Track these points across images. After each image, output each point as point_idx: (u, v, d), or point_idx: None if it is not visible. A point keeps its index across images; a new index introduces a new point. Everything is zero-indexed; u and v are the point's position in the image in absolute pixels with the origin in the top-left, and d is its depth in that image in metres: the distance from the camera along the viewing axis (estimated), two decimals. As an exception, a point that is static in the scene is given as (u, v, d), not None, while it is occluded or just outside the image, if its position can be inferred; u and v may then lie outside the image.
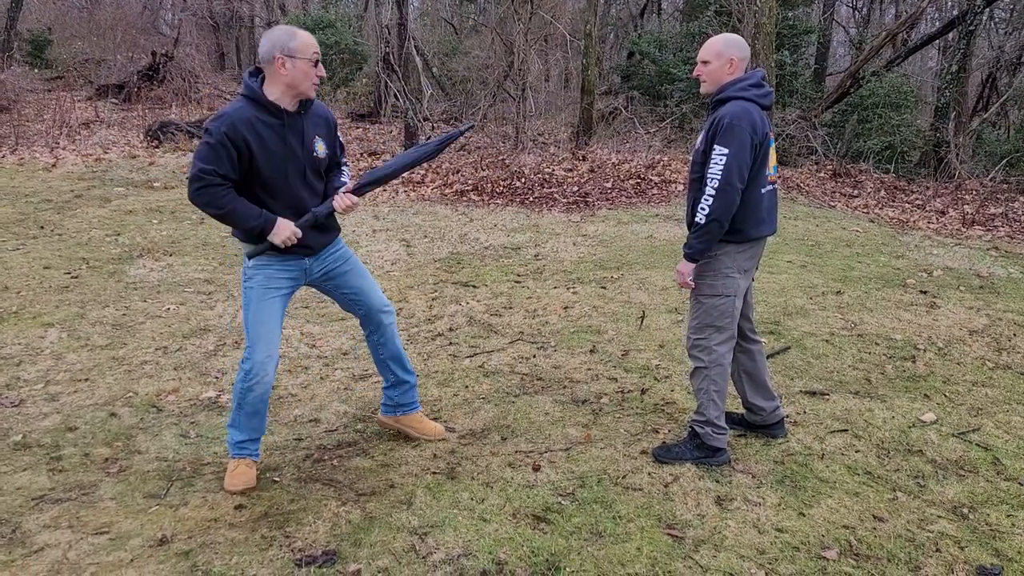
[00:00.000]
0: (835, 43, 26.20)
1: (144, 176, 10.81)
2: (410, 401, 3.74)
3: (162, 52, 17.95)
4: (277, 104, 3.06)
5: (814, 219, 9.67)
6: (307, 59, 3.04)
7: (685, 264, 3.44)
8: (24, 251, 7.03)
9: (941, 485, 3.46)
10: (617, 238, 8.39)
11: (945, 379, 4.69)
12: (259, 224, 3.07)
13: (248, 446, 3.36)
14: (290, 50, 3.00)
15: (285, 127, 3.09)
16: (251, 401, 3.23)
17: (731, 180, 3.24)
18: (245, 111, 3.03)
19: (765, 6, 11.54)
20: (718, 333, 3.50)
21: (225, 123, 2.98)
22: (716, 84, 3.43)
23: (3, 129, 13.32)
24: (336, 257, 3.42)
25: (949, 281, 7.00)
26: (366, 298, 3.48)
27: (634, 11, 23.64)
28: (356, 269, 3.48)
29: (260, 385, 3.20)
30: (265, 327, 3.20)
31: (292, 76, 3.03)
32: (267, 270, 3.22)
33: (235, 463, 3.35)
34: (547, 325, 5.54)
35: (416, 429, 3.76)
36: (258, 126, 3.02)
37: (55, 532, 2.98)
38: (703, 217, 3.30)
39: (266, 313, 3.21)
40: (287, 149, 3.09)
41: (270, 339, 3.21)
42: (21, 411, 4.02)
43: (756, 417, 3.81)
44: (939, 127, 13.91)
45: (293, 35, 3.03)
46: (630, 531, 3.05)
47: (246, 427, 3.31)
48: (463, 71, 18.45)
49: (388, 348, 3.59)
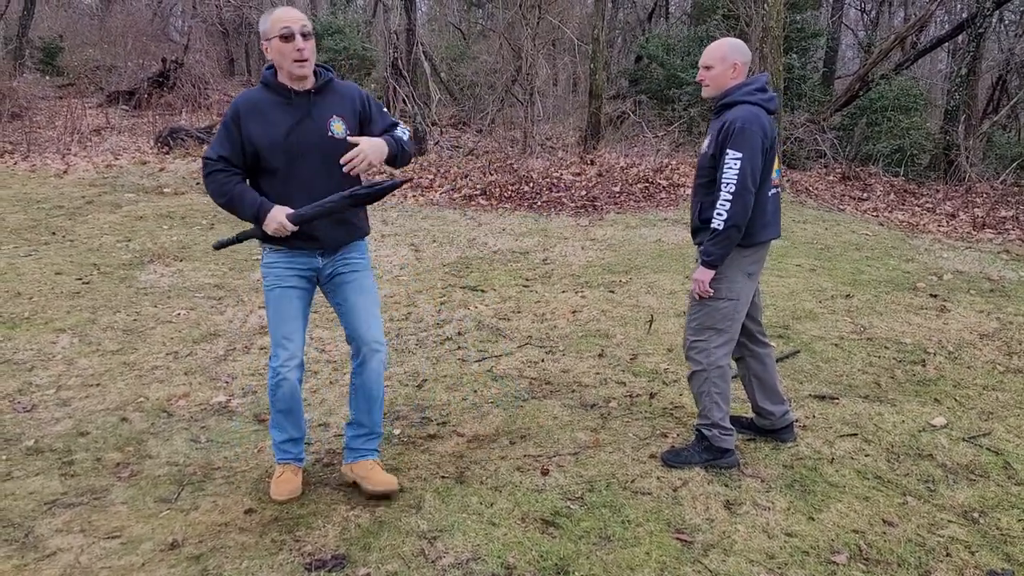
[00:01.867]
0: (844, 46, 26.13)
1: (154, 182, 10.87)
2: (362, 448, 3.38)
3: (172, 59, 18.03)
4: (284, 84, 3.03)
5: (823, 222, 9.65)
6: (276, 36, 2.94)
7: (703, 271, 3.41)
8: (36, 257, 7.08)
9: (951, 489, 3.45)
10: (625, 242, 8.39)
11: (955, 383, 4.67)
12: (254, 210, 2.99)
13: (290, 448, 3.32)
14: (264, 32, 2.98)
15: (292, 105, 3.01)
16: (280, 398, 3.18)
17: (746, 184, 3.25)
18: (255, 94, 3.06)
19: (773, 9, 11.52)
20: (717, 336, 3.49)
21: (231, 107, 3.03)
22: (719, 88, 3.44)
23: (15, 136, 13.41)
24: (347, 261, 3.23)
25: (959, 285, 6.98)
26: (357, 321, 3.21)
27: (642, 15, 23.64)
28: (360, 284, 3.24)
29: (286, 383, 3.14)
30: (285, 327, 3.14)
31: (275, 58, 2.99)
32: (276, 269, 3.15)
33: (280, 469, 3.33)
34: (555, 329, 5.54)
35: (364, 479, 3.30)
36: (262, 105, 3.01)
37: (67, 536, 3.00)
38: (721, 223, 3.28)
39: (284, 313, 3.14)
40: (291, 127, 2.99)
41: (291, 338, 3.15)
42: (33, 416, 4.04)
43: (765, 422, 3.81)
44: (949, 130, 13.86)
45: (265, 18, 2.98)
46: (639, 535, 3.05)
47: (283, 425, 3.27)
48: (471, 76, 18.49)
49: (365, 386, 3.27)
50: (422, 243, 8.19)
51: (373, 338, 3.23)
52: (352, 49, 18.37)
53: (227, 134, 3.01)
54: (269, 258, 3.17)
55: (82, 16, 26.20)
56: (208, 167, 3.02)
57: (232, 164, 3.02)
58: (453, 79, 20.14)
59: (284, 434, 3.30)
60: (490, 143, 14.37)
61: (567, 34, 16.41)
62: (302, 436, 3.36)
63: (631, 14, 24.78)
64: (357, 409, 3.35)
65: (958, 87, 14.03)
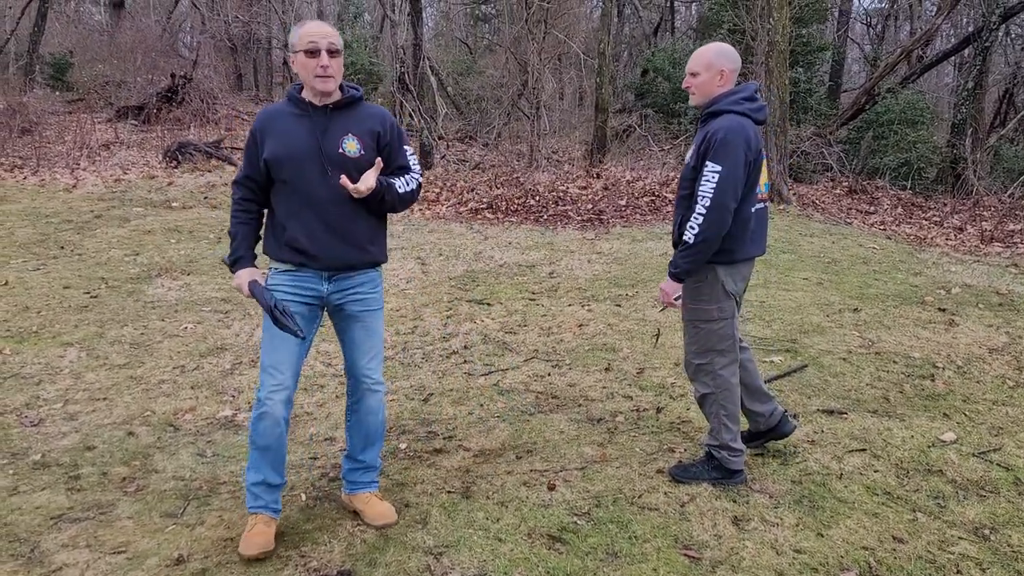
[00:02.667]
0: (850, 60, 26.17)
1: (162, 196, 10.92)
2: (359, 481, 3.28)
3: (181, 74, 18.15)
4: (304, 99, 3.01)
5: (830, 236, 9.64)
6: (302, 50, 2.89)
7: (670, 283, 3.35)
8: (44, 271, 7.11)
9: (962, 506, 3.42)
10: (632, 255, 8.38)
11: (965, 398, 4.64)
12: (231, 259, 3.05)
13: (262, 494, 3.02)
14: (292, 45, 2.96)
15: (308, 119, 2.96)
16: (261, 432, 2.95)
17: (723, 199, 3.14)
18: (276, 108, 3.06)
19: (779, 23, 11.55)
20: (721, 357, 3.43)
21: (254, 121, 3.05)
22: (706, 96, 3.34)
23: (25, 151, 13.50)
24: (358, 296, 3.09)
25: (968, 299, 6.95)
26: (358, 356, 3.13)
27: (647, 29, 23.74)
28: (368, 327, 3.13)
29: (268, 417, 2.93)
30: (277, 354, 2.97)
31: (299, 71, 2.96)
32: (278, 291, 3.00)
33: (252, 520, 3.01)
34: (562, 343, 5.53)
35: (361, 511, 3.23)
36: (281, 117, 3.01)
37: (73, 551, 3.00)
38: (692, 237, 3.20)
39: (279, 339, 2.96)
40: (304, 140, 2.93)
41: (279, 368, 2.96)
42: (40, 430, 4.05)
43: (759, 423, 3.74)
44: (956, 143, 13.85)
45: (296, 31, 2.95)
46: (646, 552, 3.03)
47: (259, 465, 3.00)
48: (477, 90, 18.58)
49: (361, 424, 3.20)
50: (428, 257, 8.20)
51: (372, 379, 3.16)
52: (359, 64, 18.49)
53: (248, 151, 3.03)
54: (274, 279, 3.04)
55: (92, 32, 26.41)
56: (233, 191, 3.03)
57: (255, 181, 3.02)
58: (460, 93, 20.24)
59: (259, 475, 3.01)
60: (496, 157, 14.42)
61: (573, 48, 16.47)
62: (281, 483, 3.07)
63: (637, 28, 24.89)
64: (353, 446, 3.25)
65: (965, 100, 14.04)
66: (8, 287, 6.58)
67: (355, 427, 3.21)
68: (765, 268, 7.69)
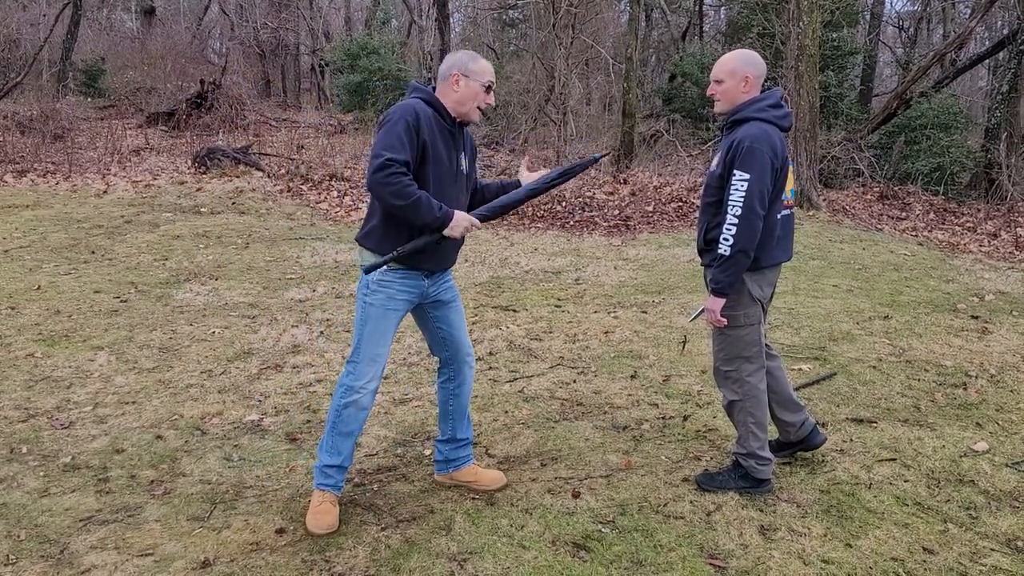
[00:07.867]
0: (881, 63, 25.90)
1: (191, 202, 11.04)
2: (460, 456, 3.56)
3: (210, 80, 18.38)
4: (450, 114, 3.16)
5: (860, 242, 9.52)
6: (481, 83, 3.15)
7: (714, 300, 3.29)
8: (76, 275, 7.21)
9: (994, 517, 3.35)
10: (659, 262, 8.34)
11: (998, 407, 4.56)
12: (440, 217, 3.02)
13: (333, 473, 3.26)
14: (468, 70, 3.14)
15: (451, 135, 3.17)
16: (346, 418, 3.19)
17: (753, 207, 3.13)
18: (426, 109, 3.10)
19: (809, 27, 11.45)
20: (748, 364, 3.41)
21: (410, 112, 3.02)
22: (731, 103, 3.33)
23: (57, 157, 13.73)
24: (448, 286, 3.40)
25: (1002, 306, 6.83)
26: (458, 339, 3.43)
27: (676, 34, 23.63)
28: (459, 306, 3.45)
29: (359, 404, 3.18)
30: (378, 348, 3.19)
31: (463, 94, 3.14)
32: (389, 289, 3.16)
33: (319, 497, 3.25)
34: (587, 350, 5.51)
35: (472, 483, 3.54)
36: (434, 125, 3.10)
37: (101, 553, 3.03)
38: (728, 248, 3.17)
39: (382, 333, 3.18)
40: (448, 155, 3.15)
41: (379, 359, 3.20)
42: (71, 433, 4.10)
43: (788, 433, 3.70)
44: (990, 148, 13.65)
45: (475, 58, 3.19)
46: (671, 560, 3.00)
47: (335, 449, 3.23)
48: (504, 95, 18.59)
49: (461, 400, 3.49)
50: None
51: (469, 349, 3.51)
52: (387, 70, 18.59)
53: (409, 139, 2.99)
54: (387, 276, 3.15)
55: (123, 39, 26.84)
56: (392, 168, 2.93)
57: (409, 167, 3.01)
58: (486, 99, 20.25)
59: (337, 458, 3.24)
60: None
61: (601, 53, 16.45)
62: (347, 466, 3.32)
63: (665, 33, 24.81)
64: (456, 427, 3.51)
65: (999, 104, 13.83)
66: (40, 291, 6.69)
67: (457, 409, 3.50)
68: (794, 275, 7.62)
